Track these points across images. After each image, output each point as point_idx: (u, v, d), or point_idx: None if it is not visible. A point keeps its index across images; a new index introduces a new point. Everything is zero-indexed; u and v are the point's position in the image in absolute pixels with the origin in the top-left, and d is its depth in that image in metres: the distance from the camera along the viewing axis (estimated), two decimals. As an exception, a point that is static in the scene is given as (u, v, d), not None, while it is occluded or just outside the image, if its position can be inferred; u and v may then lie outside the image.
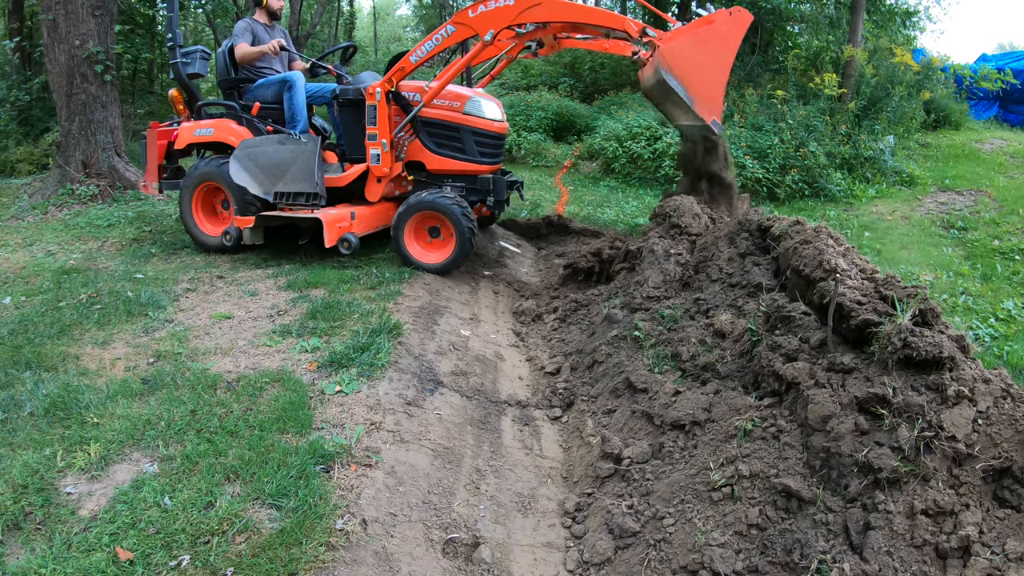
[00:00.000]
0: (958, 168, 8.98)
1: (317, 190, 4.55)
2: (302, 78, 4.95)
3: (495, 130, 4.95)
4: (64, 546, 2.01)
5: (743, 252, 3.67)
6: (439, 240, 4.75)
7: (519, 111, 12.88)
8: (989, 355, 3.90)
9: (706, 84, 4.22)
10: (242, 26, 5.04)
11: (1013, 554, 1.78)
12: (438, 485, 2.56)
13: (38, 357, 3.31)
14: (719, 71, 4.23)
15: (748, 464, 2.25)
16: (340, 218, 4.48)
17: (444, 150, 4.84)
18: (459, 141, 4.83)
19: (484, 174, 4.88)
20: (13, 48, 12.24)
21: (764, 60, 12.28)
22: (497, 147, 5.02)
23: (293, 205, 4.58)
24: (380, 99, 4.59)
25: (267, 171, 4.53)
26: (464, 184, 4.85)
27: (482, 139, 4.90)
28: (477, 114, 4.83)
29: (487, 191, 4.84)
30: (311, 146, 4.57)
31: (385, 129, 4.62)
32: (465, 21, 4.43)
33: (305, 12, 21.70)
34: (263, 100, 4.97)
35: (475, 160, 4.85)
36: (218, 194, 4.99)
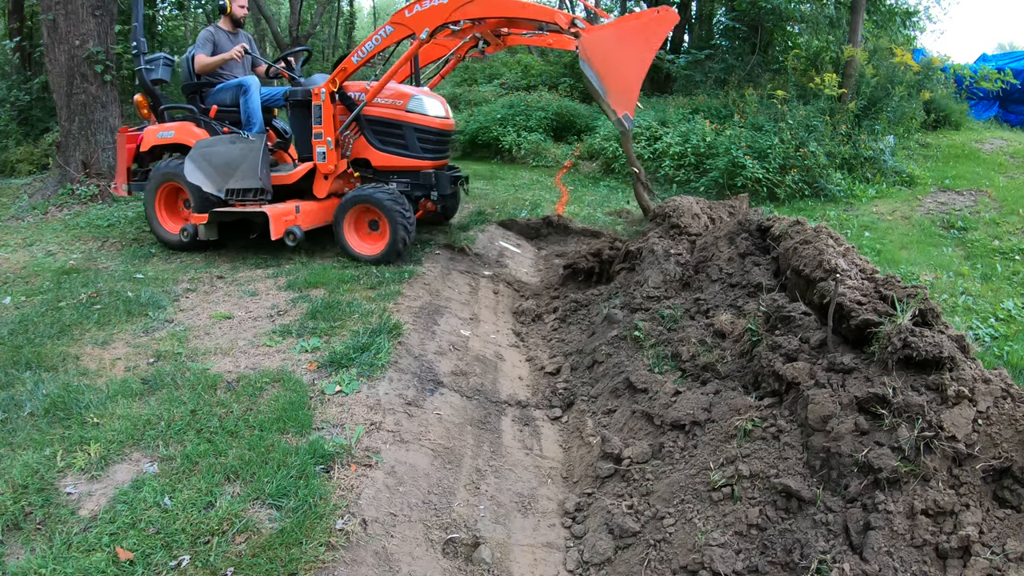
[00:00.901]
0: (958, 168, 8.98)
1: (262, 185, 4.72)
2: (257, 82, 5.13)
3: (437, 126, 5.09)
4: (64, 546, 2.01)
5: (743, 252, 3.67)
6: (377, 233, 4.93)
7: (519, 111, 12.88)
8: (989, 355, 3.89)
9: (621, 78, 4.28)
10: (204, 35, 5.21)
11: (1013, 554, 1.78)
12: (438, 485, 2.56)
13: (38, 357, 3.31)
14: (636, 66, 4.28)
15: (748, 464, 2.25)
16: (286, 212, 4.67)
17: (388, 147, 4.99)
18: (402, 138, 4.98)
19: (427, 170, 5.05)
20: (13, 48, 12.23)
21: (764, 60, 12.28)
22: (440, 143, 5.18)
23: (243, 201, 4.75)
24: (325, 99, 4.77)
25: (219, 169, 4.72)
26: (408, 180, 5.03)
27: (425, 135, 5.05)
28: (419, 111, 4.98)
29: (430, 186, 5.02)
30: (257, 144, 4.75)
31: (330, 128, 4.80)
32: (402, 21, 4.60)
33: (305, 12, 21.70)
34: (222, 103, 5.16)
35: (418, 156, 5.01)
36: (181, 193, 5.17)
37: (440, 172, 5.18)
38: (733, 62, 12.25)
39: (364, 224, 4.95)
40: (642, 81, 4.34)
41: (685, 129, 9.83)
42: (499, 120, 12.67)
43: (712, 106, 11.05)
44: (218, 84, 5.25)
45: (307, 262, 5.08)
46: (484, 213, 7.14)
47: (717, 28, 14.34)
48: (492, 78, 17.04)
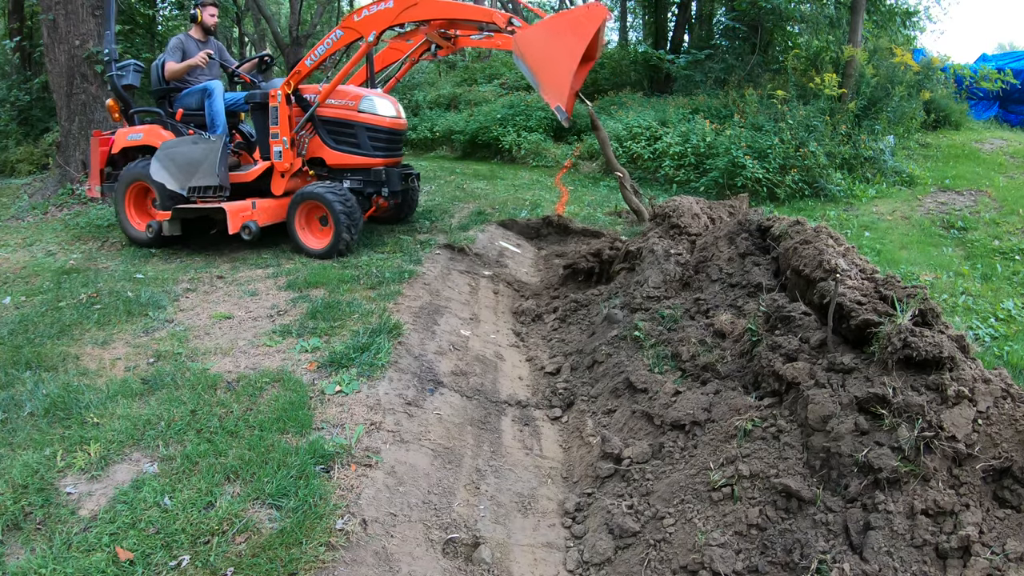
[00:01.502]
0: (958, 168, 8.98)
1: (220, 183, 4.98)
2: (220, 86, 5.39)
3: (388, 126, 5.34)
4: (64, 546, 2.01)
5: (743, 252, 3.67)
6: (328, 228, 5.12)
7: (519, 111, 12.88)
8: (989, 355, 3.89)
9: (553, 71, 4.38)
10: (174, 43, 5.46)
11: (1013, 554, 1.78)
12: (438, 485, 2.56)
13: (38, 357, 3.31)
14: (567, 60, 4.35)
15: (748, 464, 2.25)
16: (243, 208, 4.94)
17: (341, 146, 5.24)
18: (354, 137, 5.23)
19: (379, 167, 5.31)
20: (13, 48, 12.24)
21: (764, 60, 12.28)
22: (392, 142, 5.44)
23: (204, 198, 5.00)
24: (280, 101, 5.04)
25: (182, 168, 4.98)
26: (361, 177, 5.29)
27: (376, 135, 5.30)
28: (371, 111, 5.23)
29: (381, 183, 5.28)
30: (217, 144, 4.99)
31: (286, 128, 5.06)
32: (351, 25, 4.89)
33: (305, 12, 21.70)
34: (188, 107, 5.43)
35: (370, 154, 5.26)
36: (150, 193, 5.40)
37: (391, 170, 5.42)
38: (733, 62, 12.24)
39: (315, 220, 5.16)
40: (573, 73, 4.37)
41: (685, 129, 9.82)
42: (499, 120, 12.67)
43: (712, 106, 11.05)
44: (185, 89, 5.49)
45: (307, 262, 5.08)
46: (484, 213, 7.14)
47: (717, 28, 14.33)
48: (492, 78, 17.05)
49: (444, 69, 19.72)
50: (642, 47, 15.34)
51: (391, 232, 6.12)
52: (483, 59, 19.91)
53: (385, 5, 4.73)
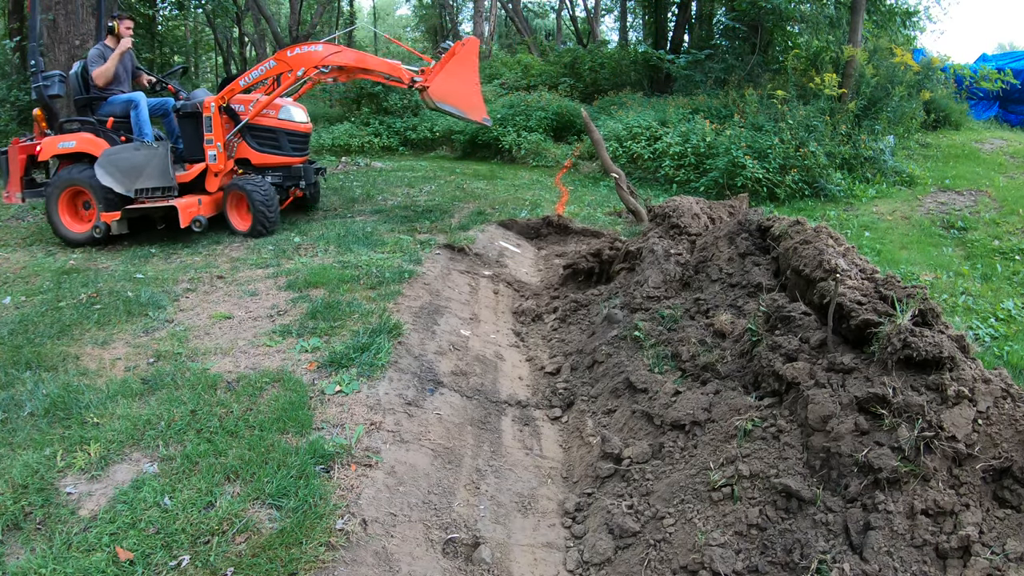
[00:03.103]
0: (958, 168, 8.98)
1: (171, 183, 5.65)
2: (144, 97, 5.91)
3: (301, 130, 6.39)
4: (64, 546, 2.01)
5: (743, 252, 3.67)
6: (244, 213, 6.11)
7: (519, 111, 12.88)
8: (989, 355, 3.89)
9: (467, 98, 5.94)
10: (95, 53, 5.86)
11: (1013, 554, 1.78)
12: (438, 485, 2.56)
13: (38, 357, 3.31)
14: (471, 85, 5.99)
15: (748, 464, 2.25)
16: (191, 204, 5.64)
17: (265, 148, 6.16)
18: (276, 140, 6.19)
19: (295, 164, 6.35)
20: (13, 48, 12.24)
21: (764, 60, 12.28)
22: (304, 142, 6.49)
23: (152, 197, 5.58)
24: (215, 111, 5.86)
25: (127, 173, 5.47)
26: (282, 173, 6.27)
27: (293, 138, 6.28)
28: (288, 119, 6.22)
29: (299, 177, 6.36)
30: (163, 150, 5.63)
31: (220, 135, 5.90)
32: (285, 59, 5.88)
33: (305, 12, 21.71)
34: (114, 116, 5.85)
35: (288, 154, 6.24)
36: (81, 197, 5.80)
37: (306, 166, 6.46)
38: (733, 62, 12.24)
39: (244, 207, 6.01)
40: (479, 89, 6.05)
41: (685, 129, 9.82)
42: (499, 120, 12.67)
43: (712, 106, 11.05)
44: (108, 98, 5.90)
45: (307, 262, 5.08)
46: (484, 213, 7.14)
47: (717, 28, 14.33)
48: (492, 78, 17.03)
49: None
50: (642, 47, 15.36)
51: (391, 232, 6.12)
52: (483, 59, 19.91)
53: (315, 48, 5.85)
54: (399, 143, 13.55)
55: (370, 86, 13.87)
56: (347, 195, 8.26)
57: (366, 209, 7.36)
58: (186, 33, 20.39)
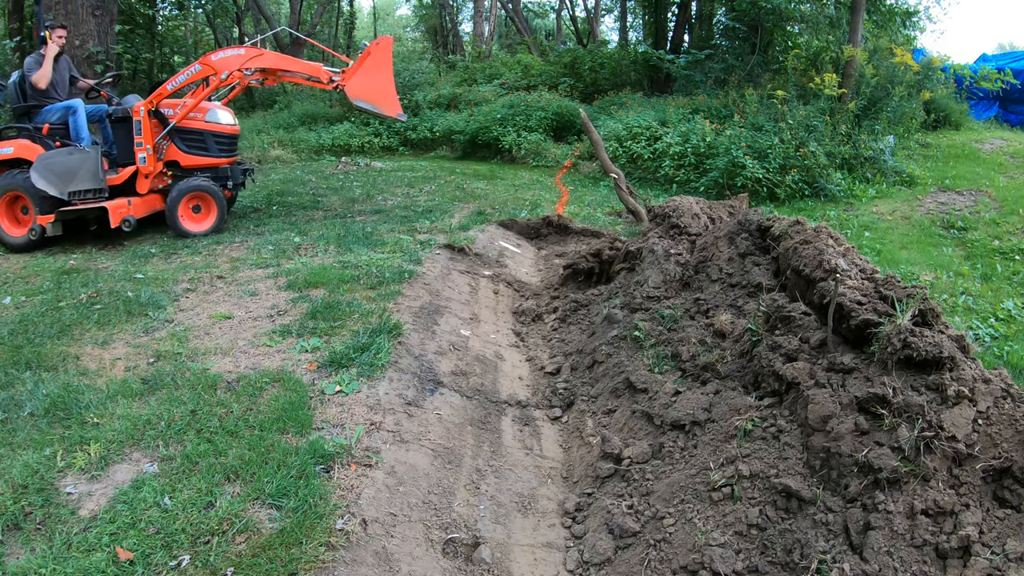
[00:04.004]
0: (958, 168, 8.98)
1: (101, 186, 5.84)
2: (82, 103, 6.08)
3: (228, 132, 6.56)
4: (64, 546, 2.01)
5: (743, 252, 3.67)
6: (202, 214, 6.31)
7: (519, 111, 12.88)
8: (989, 355, 3.89)
9: (382, 95, 6.21)
10: (31, 61, 6.03)
11: (1013, 554, 1.78)
12: (438, 485, 2.56)
13: (38, 357, 3.31)
14: (386, 82, 6.24)
15: (748, 464, 2.25)
16: (120, 205, 5.80)
17: (193, 150, 6.34)
18: (204, 143, 6.38)
19: (223, 165, 6.51)
20: (13, 48, 12.23)
21: (764, 60, 12.28)
22: (231, 144, 6.66)
23: (84, 199, 5.73)
24: (144, 116, 6.01)
25: (61, 176, 5.63)
26: (210, 174, 6.40)
27: (220, 139, 6.47)
28: (215, 121, 6.41)
29: (227, 177, 6.52)
30: (94, 153, 5.82)
31: (149, 138, 6.06)
32: (209, 63, 6.08)
33: (305, 12, 21.70)
34: (51, 122, 6.02)
35: (216, 155, 6.43)
36: (19, 201, 5.93)
37: (233, 166, 6.64)
38: (733, 62, 12.24)
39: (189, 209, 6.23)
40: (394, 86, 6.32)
41: (685, 129, 9.82)
42: (499, 120, 12.66)
43: (712, 106, 11.04)
44: (45, 105, 6.04)
45: (307, 262, 5.08)
46: (484, 213, 7.14)
47: (717, 28, 14.33)
48: (492, 78, 17.03)
49: (444, 69, 19.73)
50: (642, 47, 15.36)
51: (391, 232, 6.12)
52: (483, 59, 19.92)
53: (237, 52, 6.12)
54: (399, 143, 13.55)
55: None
56: (347, 195, 8.26)
57: (366, 209, 7.36)
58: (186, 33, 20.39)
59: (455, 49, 25.65)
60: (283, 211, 7.37)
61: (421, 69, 15.69)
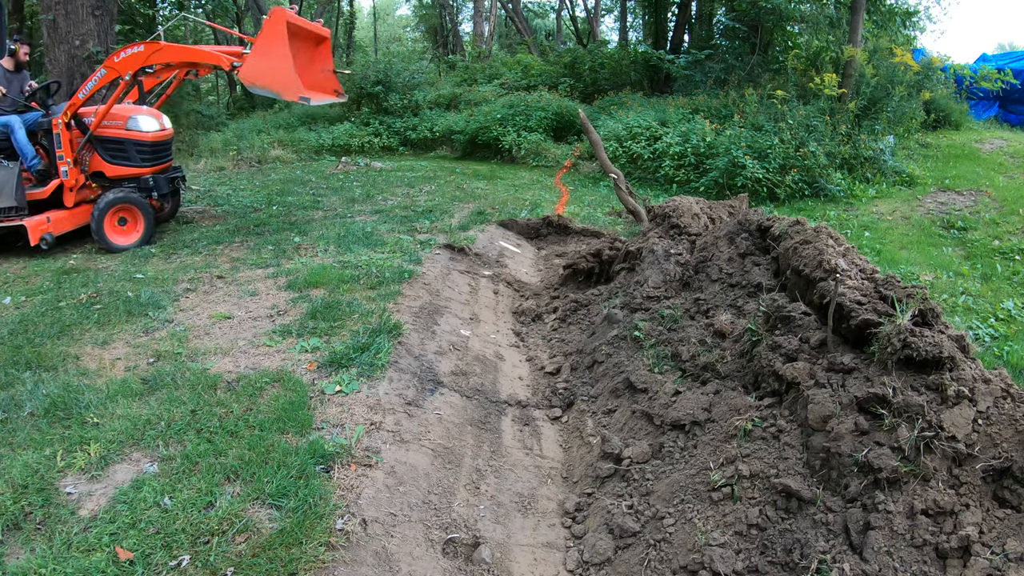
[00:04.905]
0: (958, 168, 8.98)
1: (19, 203, 5.69)
2: (18, 120, 5.93)
3: (151, 139, 6.24)
4: (64, 546, 2.01)
5: (743, 252, 3.67)
6: (128, 226, 6.04)
7: (519, 111, 12.88)
8: (989, 355, 3.90)
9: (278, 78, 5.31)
10: None
11: (1013, 554, 1.78)
12: (438, 485, 2.56)
13: (38, 357, 3.31)
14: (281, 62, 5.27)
15: (748, 464, 2.25)
16: (39, 223, 5.62)
17: (117, 160, 6.10)
18: (125, 152, 6.12)
19: (147, 175, 6.20)
20: (13, 48, 12.23)
21: (764, 60, 12.28)
22: (158, 151, 6.37)
23: (7, 217, 5.67)
24: (61, 128, 5.77)
25: None
26: (134, 184, 6.15)
27: (142, 148, 6.18)
28: (136, 128, 6.11)
29: (151, 188, 6.22)
30: (13, 169, 5.69)
31: (68, 150, 5.84)
32: (112, 66, 5.78)
33: (305, 12, 21.68)
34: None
35: (139, 165, 6.16)
36: None
37: (158, 176, 6.30)
38: (733, 62, 12.24)
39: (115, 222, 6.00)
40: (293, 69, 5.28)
41: (685, 129, 9.82)
42: (499, 120, 12.66)
43: (712, 106, 11.04)
44: None
45: (307, 262, 5.08)
46: (484, 213, 7.14)
47: (717, 28, 14.34)
48: (492, 78, 17.04)
49: (444, 69, 19.73)
50: (642, 47, 15.36)
51: (391, 232, 6.12)
52: (483, 59, 19.92)
53: (137, 50, 5.76)
54: (399, 143, 13.56)
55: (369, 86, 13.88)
56: (347, 195, 8.26)
57: (366, 209, 7.36)
58: (186, 33, 20.39)
59: (455, 49, 25.65)
60: (283, 211, 7.37)
61: (421, 69, 15.68)
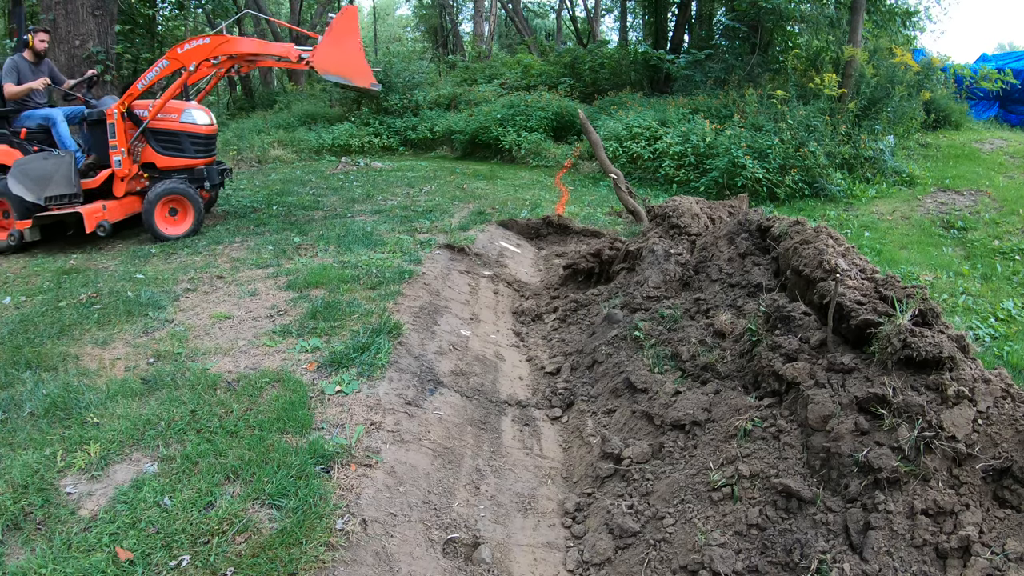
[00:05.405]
0: (958, 168, 8.98)
1: (75, 191, 5.84)
2: (60, 113, 6.10)
3: (203, 132, 6.47)
4: (64, 546, 2.01)
5: (743, 252, 3.67)
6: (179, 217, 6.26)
7: (519, 111, 12.88)
8: (989, 355, 3.90)
9: (352, 66, 5.90)
10: (8, 65, 5.98)
11: (1013, 554, 1.78)
12: (438, 485, 2.56)
13: (38, 357, 3.31)
14: (354, 52, 5.94)
15: (748, 464, 2.25)
16: (95, 210, 5.78)
17: (169, 151, 6.28)
18: (179, 143, 6.31)
19: (200, 166, 6.46)
20: (13, 48, 12.24)
21: (764, 60, 12.28)
22: (208, 144, 6.59)
23: (60, 204, 5.76)
24: (117, 118, 5.93)
25: (37, 181, 5.67)
26: (186, 175, 6.36)
27: (196, 140, 6.40)
28: (191, 122, 6.32)
29: (203, 178, 6.49)
30: (68, 158, 5.82)
31: (123, 140, 6.01)
32: (176, 56, 5.96)
33: (305, 12, 21.72)
34: (29, 128, 6.05)
35: (192, 156, 6.37)
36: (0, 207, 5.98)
37: (210, 167, 6.59)
38: (733, 62, 12.24)
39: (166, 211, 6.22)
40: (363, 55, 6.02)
41: (685, 129, 9.82)
42: (499, 120, 12.66)
43: (712, 106, 11.04)
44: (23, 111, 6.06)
45: (307, 262, 5.08)
46: (484, 213, 7.14)
47: (717, 28, 14.34)
48: (492, 78, 17.03)
49: (444, 69, 19.73)
50: (642, 47, 15.35)
51: (391, 232, 6.12)
52: (483, 59, 19.91)
53: (203, 42, 5.95)
54: (399, 143, 13.56)
55: (370, 86, 13.86)
56: (347, 195, 8.26)
57: (366, 209, 7.36)
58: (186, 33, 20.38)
59: (455, 49, 25.65)
60: (283, 211, 7.37)
61: (421, 69, 15.68)
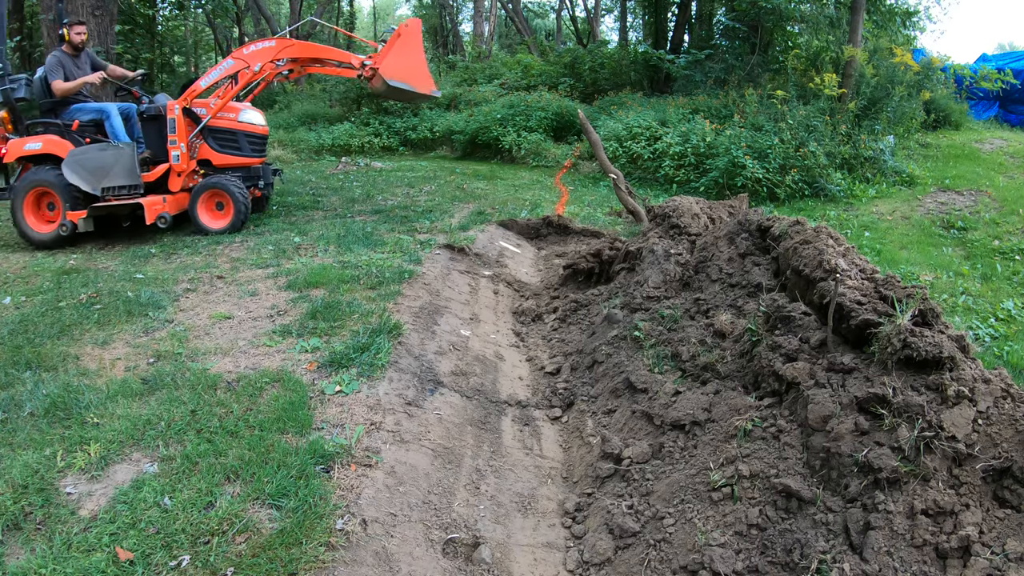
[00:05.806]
0: (958, 168, 8.98)
1: (138, 182, 5.95)
2: (115, 108, 6.16)
3: (259, 132, 6.74)
4: (64, 546, 2.01)
5: (743, 252, 3.67)
6: (223, 211, 6.35)
7: (519, 111, 12.88)
8: (989, 355, 3.89)
9: (416, 74, 6.31)
10: (53, 62, 5.92)
11: (1013, 554, 1.78)
12: (438, 485, 2.56)
13: (38, 357, 3.31)
14: (418, 62, 6.40)
15: (748, 464, 2.25)
16: (156, 202, 5.93)
17: (225, 149, 6.48)
18: (236, 142, 6.53)
19: (254, 165, 6.68)
20: (13, 48, 12.24)
21: (764, 60, 12.27)
22: (262, 144, 6.85)
23: (118, 196, 5.84)
24: (178, 114, 6.13)
25: (94, 172, 5.72)
26: (241, 173, 6.55)
27: (252, 139, 6.63)
28: (248, 121, 6.56)
29: (258, 177, 6.71)
30: (129, 150, 5.91)
31: (183, 136, 6.18)
32: (241, 57, 6.21)
33: (305, 12, 21.69)
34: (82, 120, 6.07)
35: (248, 155, 6.58)
36: (45, 198, 5.94)
37: (264, 166, 6.83)
38: (733, 62, 12.24)
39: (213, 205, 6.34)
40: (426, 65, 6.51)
41: (685, 129, 9.82)
42: (499, 120, 12.66)
43: (712, 106, 11.04)
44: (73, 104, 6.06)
45: (307, 262, 5.08)
46: (484, 213, 7.14)
47: (717, 28, 14.33)
48: (492, 78, 17.03)
49: (444, 69, 19.73)
50: (642, 47, 15.36)
51: (391, 232, 6.12)
52: (483, 59, 19.91)
53: (268, 44, 6.20)
54: (399, 143, 13.56)
55: (370, 85, 13.87)
56: (347, 195, 8.26)
57: (366, 209, 7.36)
58: (186, 33, 20.40)
59: (455, 49, 25.65)
60: (283, 211, 7.37)
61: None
